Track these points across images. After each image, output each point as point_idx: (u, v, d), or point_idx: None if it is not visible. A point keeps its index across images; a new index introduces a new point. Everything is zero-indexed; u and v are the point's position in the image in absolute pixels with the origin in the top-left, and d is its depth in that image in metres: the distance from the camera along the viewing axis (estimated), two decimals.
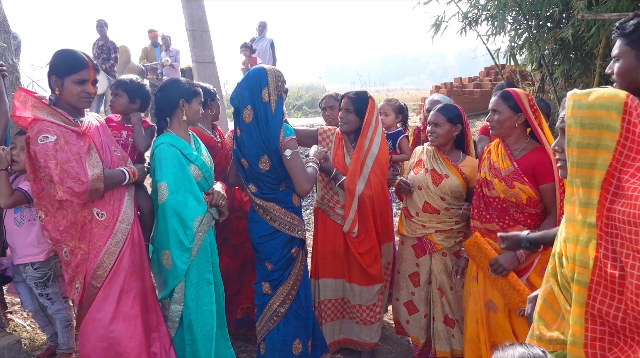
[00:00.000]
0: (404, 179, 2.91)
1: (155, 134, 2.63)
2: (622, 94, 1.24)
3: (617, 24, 1.58)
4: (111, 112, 2.98)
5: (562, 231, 1.41)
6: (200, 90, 2.62)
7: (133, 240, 2.44)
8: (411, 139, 3.79)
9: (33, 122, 2.23)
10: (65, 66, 2.28)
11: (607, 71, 1.59)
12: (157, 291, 2.63)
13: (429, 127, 2.84)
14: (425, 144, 2.97)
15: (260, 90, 2.49)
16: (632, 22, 1.52)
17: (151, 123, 2.87)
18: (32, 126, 2.23)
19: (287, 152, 2.47)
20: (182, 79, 2.69)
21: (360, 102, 2.86)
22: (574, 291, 1.30)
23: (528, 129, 2.49)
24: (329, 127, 3.10)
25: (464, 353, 2.73)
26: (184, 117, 2.54)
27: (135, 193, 2.55)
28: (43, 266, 2.77)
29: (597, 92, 1.27)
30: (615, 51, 1.56)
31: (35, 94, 2.28)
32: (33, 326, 3.40)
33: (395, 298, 3.13)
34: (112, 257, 2.35)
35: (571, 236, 1.33)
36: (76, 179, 2.21)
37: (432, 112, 2.86)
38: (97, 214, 2.34)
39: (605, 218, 1.24)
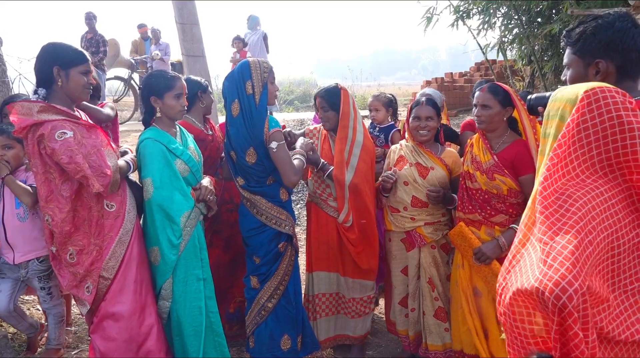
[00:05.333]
0: (388, 173, 2.83)
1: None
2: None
3: (564, 31, 1.62)
4: None
5: None
6: (177, 83, 2.52)
7: (139, 229, 2.43)
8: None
9: (39, 124, 2.15)
10: (71, 56, 2.24)
11: (562, 78, 1.63)
12: None
13: (420, 123, 2.79)
14: (402, 141, 2.98)
15: (244, 83, 2.49)
16: (577, 30, 1.57)
17: (107, 102, 3.07)
18: (40, 126, 2.15)
19: (273, 144, 2.46)
20: (159, 72, 2.60)
21: (332, 97, 2.87)
22: None
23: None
24: (315, 126, 3.13)
25: (452, 341, 2.76)
26: (158, 114, 2.50)
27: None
28: (48, 258, 2.75)
29: None
30: (565, 59, 1.61)
31: (36, 99, 2.20)
32: None
33: (390, 298, 3.07)
34: (123, 247, 2.33)
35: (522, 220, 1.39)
36: (99, 172, 2.17)
37: (420, 107, 2.81)
38: (107, 205, 2.31)
39: None
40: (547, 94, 1.76)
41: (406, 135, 3.07)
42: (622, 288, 1.20)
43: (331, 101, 2.86)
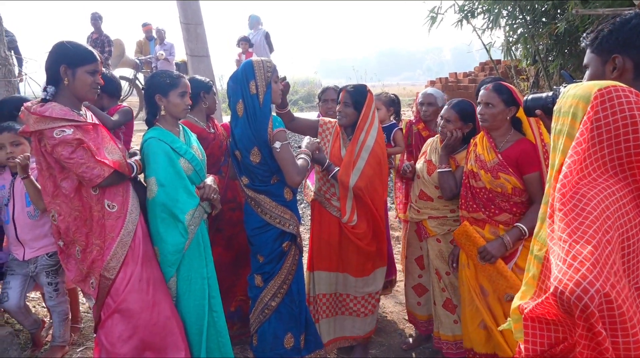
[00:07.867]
0: (408, 163, 3.09)
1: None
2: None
3: (584, 34, 1.61)
4: None
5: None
6: (181, 81, 2.54)
7: (143, 229, 2.43)
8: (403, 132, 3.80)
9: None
10: (79, 56, 2.24)
11: (584, 80, 1.62)
12: None
13: (441, 122, 2.86)
14: (436, 137, 3.05)
15: (248, 83, 2.49)
16: (596, 30, 1.56)
17: (125, 105, 3.11)
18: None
19: (277, 144, 2.47)
20: (163, 71, 2.62)
21: (358, 95, 2.86)
22: (532, 266, 1.38)
23: None
24: (330, 119, 3.10)
25: (463, 339, 2.77)
26: (162, 112, 2.52)
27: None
28: (57, 254, 2.78)
29: None
30: (585, 60, 1.61)
31: (33, 108, 2.18)
32: None
33: (405, 284, 3.28)
34: (125, 248, 2.33)
35: (541, 216, 1.38)
36: (103, 165, 2.21)
37: (445, 107, 2.89)
38: (108, 206, 2.32)
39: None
40: (544, 95, 1.73)
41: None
42: (632, 289, 1.20)
43: (356, 99, 2.86)
